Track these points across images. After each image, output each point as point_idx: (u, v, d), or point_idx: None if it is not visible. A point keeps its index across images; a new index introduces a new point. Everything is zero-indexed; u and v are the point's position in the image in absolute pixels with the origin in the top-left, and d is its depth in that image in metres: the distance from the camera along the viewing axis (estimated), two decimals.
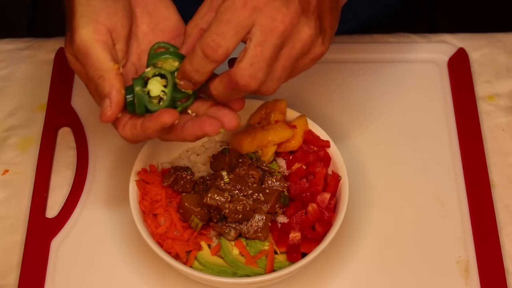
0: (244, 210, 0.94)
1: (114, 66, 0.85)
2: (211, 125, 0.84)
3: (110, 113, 0.85)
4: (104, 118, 0.85)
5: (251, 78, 0.81)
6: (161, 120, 0.83)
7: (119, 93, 0.85)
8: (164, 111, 0.83)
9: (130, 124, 0.87)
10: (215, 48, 0.80)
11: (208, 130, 0.84)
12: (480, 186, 1.06)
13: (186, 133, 0.85)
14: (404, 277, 0.99)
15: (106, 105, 0.85)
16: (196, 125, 0.84)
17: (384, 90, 1.15)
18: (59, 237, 1.02)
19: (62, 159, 1.09)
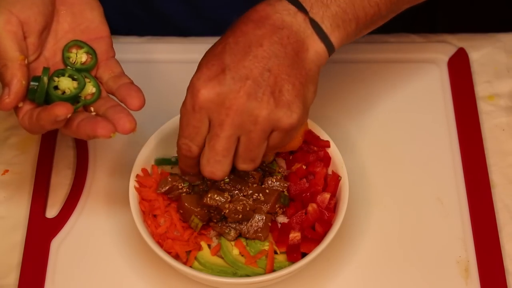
0: (244, 210, 0.94)
1: (19, 57, 0.88)
2: (103, 128, 0.86)
3: (8, 101, 0.87)
4: (2, 105, 0.87)
5: (212, 173, 0.90)
6: (53, 112, 0.85)
7: (19, 83, 0.87)
8: (59, 104, 0.85)
9: (29, 114, 0.88)
10: (188, 149, 0.90)
11: (99, 133, 0.86)
12: (480, 186, 1.06)
13: (79, 131, 0.87)
14: (404, 277, 0.99)
15: (5, 93, 0.87)
16: (88, 125, 0.87)
17: (384, 90, 1.15)
18: (59, 237, 1.02)
19: (62, 159, 1.09)
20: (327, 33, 0.89)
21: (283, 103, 0.86)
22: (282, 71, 0.87)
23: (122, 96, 0.92)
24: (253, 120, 0.86)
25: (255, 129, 0.87)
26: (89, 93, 0.93)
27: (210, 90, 0.86)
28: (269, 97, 0.86)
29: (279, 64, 0.87)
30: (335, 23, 0.90)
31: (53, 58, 0.94)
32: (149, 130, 1.02)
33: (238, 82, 0.86)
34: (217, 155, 0.88)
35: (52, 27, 0.94)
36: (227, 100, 0.85)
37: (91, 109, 0.92)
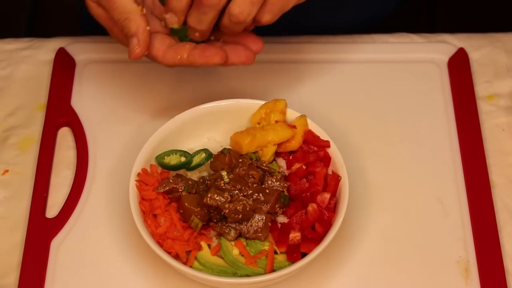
0: (244, 210, 0.94)
1: (138, 8, 0.93)
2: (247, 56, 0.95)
3: (139, 51, 0.93)
4: (133, 55, 0.93)
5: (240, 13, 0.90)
6: (212, 60, 0.94)
7: (146, 32, 0.93)
8: (216, 54, 0.93)
9: (173, 53, 0.95)
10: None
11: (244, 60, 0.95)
12: (480, 186, 1.06)
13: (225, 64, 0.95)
14: (404, 277, 0.99)
15: (134, 44, 0.93)
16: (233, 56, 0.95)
17: (384, 90, 1.15)
18: (59, 237, 1.02)
19: (62, 159, 1.09)
20: None
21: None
22: None
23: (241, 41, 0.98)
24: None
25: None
26: None
27: None
28: None
29: None
30: None
31: (152, 5, 0.99)
32: (149, 130, 1.02)
33: None
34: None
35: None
36: None
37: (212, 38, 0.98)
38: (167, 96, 1.13)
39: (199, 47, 0.94)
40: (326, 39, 1.20)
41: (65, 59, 1.17)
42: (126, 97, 1.14)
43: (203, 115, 1.04)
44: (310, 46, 1.18)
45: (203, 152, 1.00)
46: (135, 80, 1.15)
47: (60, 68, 1.16)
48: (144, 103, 1.13)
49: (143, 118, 1.11)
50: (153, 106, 1.12)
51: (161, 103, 1.12)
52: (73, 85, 1.15)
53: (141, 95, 1.13)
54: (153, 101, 1.13)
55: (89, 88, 1.15)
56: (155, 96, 1.14)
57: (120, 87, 1.14)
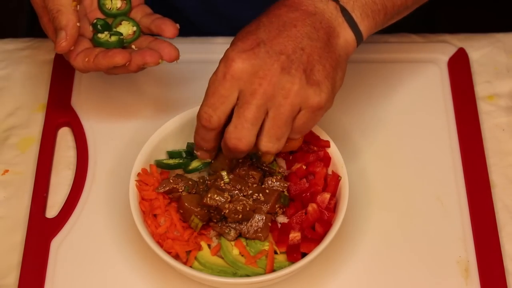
0: (244, 210, 0.94)
1: (72, 3, 0.96)
2: (151, 55, 0.97)
3: (65, 44, 0.95)
4: (59, 48, 0.96)
5: (237, 140, 0.88)
6: (114, 60, 0.96)
7: (75, 27, 0.95)
8: (118, 52, 0.96)
9: (83, 56, 0.98)
10: (208, 119, 0.89)
11: (149, 60, 0.97)
12: (480, 186, 1.06)
13: (130, 65, 0.98)
14: (404, 277, 0.99)
15: (62, 37, 0.95)
16: (138, 56, 0.97)
17: (384, 90, 1.15)
18: (59, 237, 1.02)
19: (62, 159, 1.09)
20: (357, 22, 0.92)
21: (313, 82, 0.88)
22: (314, 52, 0.88)
23: (158, 27, 1.01)
24: (284, 93, 0.87)
25: (285, 103, 0.87)
26: (129, 33, 1.02)
27: (244, 60, 0.87)
28: (301, 74, 0.87)
29: (312, 45, 0.88)
30: (364, 12, 0.92)
31: (90, 6, 1.03)
32: (149, 130, 1.02)
33: (273, 55, 0.87)
34: (246, 122, 0.87)
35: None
36: (261, 71, 0.87)
37: (133, 47, 1.01)
38: (167, 96, 1.13)
39: (107, 51, 0.97)
40: None
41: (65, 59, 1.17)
42: (126, 97, 1.14)
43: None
44: None
45: None
46: (135, 80, 1.15)
47: (60, 68, 1.16)
48: (144, 103, 1.13)
49: (143, 118, 1.11)
50: (153, 106, 1.12)
51: (161, 103, 1.12)
52: (73, 85, 1.15)
53: (141, 95, 1.13)
54: (153, 101, 1.13)
55: (89, 88, 1.15)
56: (155, 96, 1.14)
57: (120, 87, 1.14)
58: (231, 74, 0.87)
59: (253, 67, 0.87)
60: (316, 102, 0.88)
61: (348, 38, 0.92)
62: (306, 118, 0.89)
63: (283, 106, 0.87)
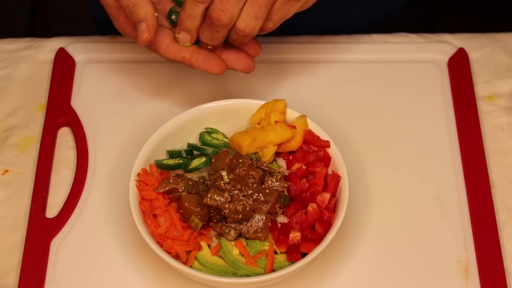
0: (244, 210, 0.94)
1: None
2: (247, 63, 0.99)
3: (147, 35, 0.95)
4: (142, 39, 0.95)
5: (221, 11, 0.92)
6: (211, 70, 0.97)
7: (154, 18, 0.95)
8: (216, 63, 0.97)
9: (176, 49, 0.98)
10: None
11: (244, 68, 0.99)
12: (480, 186, 1.06)
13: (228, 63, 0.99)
14: (404, 277, 0.99)
15: (143, 29, 0.95)
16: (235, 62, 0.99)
17: (384, 90, 1.15)
18: (59, 237, 1.02)
19: (62, 159, 1.09)
20: None
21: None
22: None
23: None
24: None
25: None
26: None
27: None
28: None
29: None
30: None
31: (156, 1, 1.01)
32: (149, 130, 1.02)
33: None
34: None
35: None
36: None
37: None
38: (167, 96, 1.13)
39: (202, 51, 0.97)
40: (326, 39, 1.20)
41: (65, 59, 1.17)
42: (126, 97, 1.14)
43: (203, 115, 1.04)
44: (310, 46, 1.18)
45: (203, 157, 1.00)
46: (135, 80, 1.15)
47: (60, 68, 1.16)
48: (144, 103, 1.13)
49: (143, 118, 1.11)
50: (153, 106, 1.12)
51: (161, 103, 1.12)
52: (73, 85, 1.15)
53: (141, 95, 1.13)
54: (153, 101, 1.13)
55: (89, 88, 1.15)
56: (155, 96, 1.14)
57: (120, 87, 1.14)
58: None
59: None
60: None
61: None
62: (281, 5, 0.94)
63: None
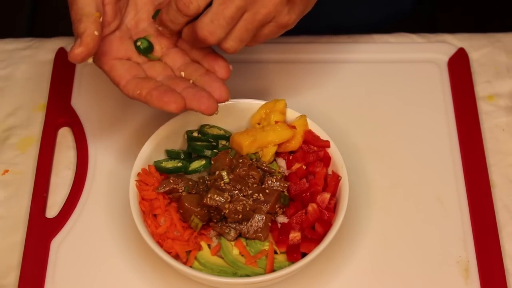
0: (244, 210, 0.94)
1: (95, 13, 0.91)
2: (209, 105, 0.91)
3: (77, 51, 0.89)
4: (71, 54, 0.89)
5: (210, 34, 0.90)
6: (168, 107, 0.90)
7: (91, 36, 0.89)
8: (173, 100, 0.90)
9: (134, 86, 0.92)
10: (187, 4, 0.89)
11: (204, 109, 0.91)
12: (480, 186, 1.06)
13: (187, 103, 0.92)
14: (404, 277, 0.99)
15: (76, 44, 0.89)
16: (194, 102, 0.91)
17: (384, 90, 1.15)
18: (59, 237, 1.02)
19: (62, 159, 1.09)
20: None
21: (291, 1, 0.92)
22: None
23: (209, 65, 0.96)
24: (265, 3, 0.90)
25: (262, 11, 0.90)
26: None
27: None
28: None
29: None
30: None
31: (134, 28, 0.98)
32: (149, 130, 1.02)
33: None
34: (224, 19, 0.89)
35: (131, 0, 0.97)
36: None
37: (182, 74, 0.96)
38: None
39: (160, 88, 0.91)
40: (326, 39, 1.20)
41: (65, 59, 1.17)
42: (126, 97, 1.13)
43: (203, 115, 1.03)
44: (310, 46, 1.18)
45: (203, 159, 1.00)
46: None
47: (60, 68, 1.16)
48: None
49: (143, 118, 1.12)
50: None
51: None
52: (73, 85, 1.15)
53: None
54: None
55: (89, 88, 1.15)
56: None
57: None
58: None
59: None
60: (285, 21, 0.92)
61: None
62: (269, 31, 0.93)
63: (259, 14, 0.90)
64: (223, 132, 1.03)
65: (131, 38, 0.97)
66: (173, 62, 0.97)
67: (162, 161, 1.01)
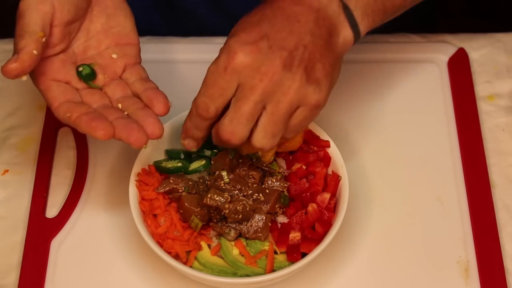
0: (244, 210, 0.94)
1: (39, 33, 0.89)
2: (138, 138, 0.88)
3: (12, 66, 0.87)
4: (4, 69, 0.87)
5: (231, 134, 0.88)
6: (96, 133, 0.87)
7: (29, 53, 0.87)
8: (101, 126, 0.87)
9: (66, 109, 0.89)
10: (206, 108, 0.88)
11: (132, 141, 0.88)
12: (480, 186, 1.06)
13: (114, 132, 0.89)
14: (404, 277, 0.99)
15: (12, 59, 0.87)
16: (123, 132, 0.88)
17: (384, 90, 1.15)
18: (59, 237, 1.02)
19: (62, 159, 1.09)
20: (358, 21, 0.91)
21: (313, 80, 0.88)
22: (316, 50, 0.88)
23: (148, 99, 0.93)
24: (284, 90, 0.86)
25: (284, 99, 0.87)
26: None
27: (247, 54, 0.86)
28: (302, 72, 0.87)
29: (314, 43, 0.88)
30: (365, 12, 0.91)
31: (82, 54, 0.95)
32: None
33: (276, 51, 0.86)
34: (242, 117, 0.87)
35: (84, 25, 0.95)
36: (263, 66, 0.86)
37: (119, 105, 0.93)
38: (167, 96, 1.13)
39: (90, 114, 0.89)
40: None
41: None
42: None
43: None
44: None
45: (203, 159, 1.00)
46: None
47: None
48: None
49: None
50: None
51: None
52: None
53: None
54: None
55: None
56: None
57: None
58: (233, 67, 0.86)
59: (255, 62, 0.86)
60: (315, 101, 0.88)
61: (347, 37, 0.91)
62: (303, 116, 0.89)
63: (281, 102, 0.87)
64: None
65: (75, 63, 0.94)
66: (113, 93, 0.94)
67: (162, 161, 1.01)
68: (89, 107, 0.91)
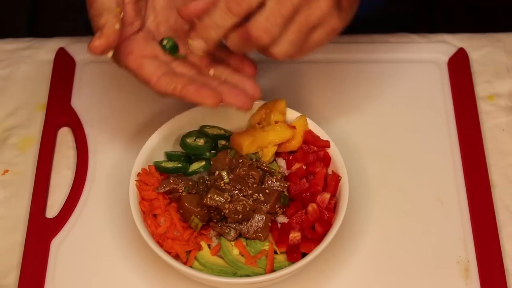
0: (244, 210, 0.94)
1: (116, 9, 0.90)
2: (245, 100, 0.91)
3: (97, 43, 0.88)
4: (91, 46, 0.88)
5: (265, 32, 0.86)
6: (204, 102, 0.89)
7: (112, 28, 0.88)
8: (209, 94, 0.89)
9: (168, 81, 0.91)
10: (240, 2, 0.85)
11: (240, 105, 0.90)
12: (480, 186, 1.06)
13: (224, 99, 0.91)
14: (404, 277, 0.99)
15: (96, 37, 0.88)
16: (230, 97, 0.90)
17: (384, 90, 1.15)
18: (59, 237, 1.02)
19: (62, 159, 1.09)
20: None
21: (339, 7, 0.89)
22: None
23: (237, 63, 0.95)
24: (319, 5, 0.87)
25: (315, 12, 0.87)
26: None
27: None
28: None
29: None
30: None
31: (156, 31, 0.96)
32: (149, 130, 1.02)
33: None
34: (281, 18, 0.86)
35: (149, 3, 0.96)
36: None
37: (211, 71, 0.94)
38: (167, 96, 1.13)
39: (195, 83, 0.90)
40: None
41: (65, 59, 1.17)
42: (126, 97, 1.14)
43: (203, 115, 1.04)
44: None
45: (203, 160, 1.00)
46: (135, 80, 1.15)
47: (60, 68, 1.16)
48: (144, 103, 1.13)
49: (143, 118, 1.12)
50: (153, 106, 1.12)
51: (161, 103, 1.12)
52: (73, 85, 1.15)
53: (141, 95, 1.13)
54: (153, 101, 1.13)
55: (89, 88, 1.15)
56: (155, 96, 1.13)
57: (120, 87, 1.14)
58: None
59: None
60: (336, 26, 0.89)
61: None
62: (319, 37, 0.89)
63: (313, 15, 0.87)
64: (223, 132, 1.03)
65: (154, 39, 0.96)
66: (199, 61, 0.96)
67: (162, 161, 1.01)
68: (189, 77, 0.93)
